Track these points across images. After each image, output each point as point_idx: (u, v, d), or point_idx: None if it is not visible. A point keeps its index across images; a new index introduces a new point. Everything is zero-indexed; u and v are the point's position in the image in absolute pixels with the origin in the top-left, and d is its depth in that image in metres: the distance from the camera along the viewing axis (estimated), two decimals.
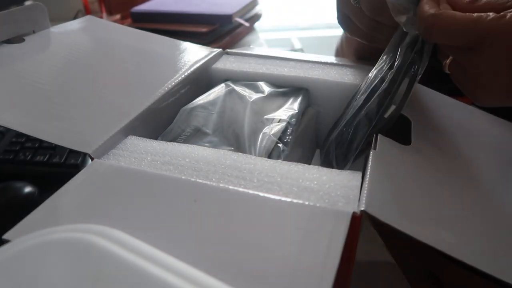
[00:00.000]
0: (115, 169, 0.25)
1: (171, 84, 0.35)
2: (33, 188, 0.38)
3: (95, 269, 0.17)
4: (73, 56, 0.36)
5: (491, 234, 0.23)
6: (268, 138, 0.29)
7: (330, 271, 0.18)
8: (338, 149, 0.31)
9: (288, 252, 0.19)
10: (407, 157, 0.27)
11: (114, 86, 0.34)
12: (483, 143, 0.31)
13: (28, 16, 0.39)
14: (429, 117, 0.32)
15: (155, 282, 0.16)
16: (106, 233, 0.18)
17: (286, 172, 0.25)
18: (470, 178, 0.27)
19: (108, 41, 0.42)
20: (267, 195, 0.22)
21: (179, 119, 0.33)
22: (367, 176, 0.23)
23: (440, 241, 0.20)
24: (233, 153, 0.27)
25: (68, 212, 0.22)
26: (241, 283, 0.17)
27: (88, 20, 0.45)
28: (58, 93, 0.31)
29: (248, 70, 0.39)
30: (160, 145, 0.28)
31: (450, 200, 0.24)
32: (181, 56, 0.40)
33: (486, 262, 0.20)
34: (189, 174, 0.25)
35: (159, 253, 0.17)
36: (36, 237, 0.18)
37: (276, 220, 0.21)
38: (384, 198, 0.22)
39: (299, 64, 0.40)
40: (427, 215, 0.23)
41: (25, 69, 0.33)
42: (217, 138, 0.30)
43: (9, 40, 0.36)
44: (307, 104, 0.37)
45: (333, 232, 0.20)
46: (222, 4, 0.81)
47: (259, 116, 0.32)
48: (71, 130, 0.28)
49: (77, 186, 0.24)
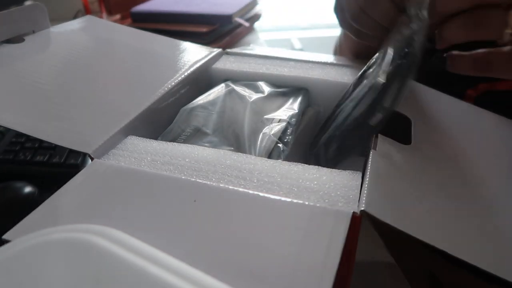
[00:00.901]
0: (115, 169, 0.25)
1: (171, 84, 0.35)
2: (33, 188, 0.38)
3: (95, 269, 0.17)
4: (73, 56, 0.36)
5: (491, 234, 0.23)
6: (268, 138, 0.29)
7: (330, 271, 0.18)
8: (328, 153, 0.31)
9: (288, 252, 0.19)
10: (407, 157, 0.27)
11: (114, 86, 0.34)
12: (484, 142, 0.31)
13: (28, 16, 0.39)
14: (429, 116, 0.32)
15: (155, 282, 0.16)
16: (106, 233, 0.18)
17: (286, 172, 0.25)
18: (471, 178, 0.27)
19: (108, 41, 0.42)
20: (267, 195, 0.22)
21: (179, 119, 0.33)
22: (367, 176, 0.23)
23: (440, 240, 0.20)
24: (233, 153, 0.27)
25: (68, 212, 0.22)
26: (241, 283, 0.17)
27: (88, 20, 0.45)
28: (58, 93, 0.31)
29: (248, 70, 0.39)
30: (160, 145, 0.28)
31: (450, 200, 0.24)
32: (181, 56, 0.40)
33: (487, 261, 0.20)
34: (189, 174, 0.25)
35: (159, 253, 0.17)
36: (36, 237, 0.18)
37: (276, 220, 0.21)
38: (384, 198, 0.22)
39: (299, 64, 0.40)
40: (427, 214, 0.23)
41: (25, 69, 0.33)
42: (217, 138, 0.30)
43: (9, 40, 0.36)
44: (307, 104, 0.37)
45: (333, 232, 0.20)
46: (222, 4, 0.81)
47: (259, 116, 0.32)
48: (71, 130, 0.28)
49: (77, 186, 0.24)
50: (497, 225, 0.24)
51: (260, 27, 0.92)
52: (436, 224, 0.22)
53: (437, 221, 0.22)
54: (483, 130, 0.33)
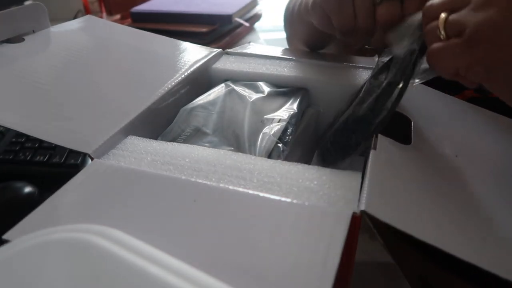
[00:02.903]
0: (115, 169, 0.25)
1: (171, 84, 0.35)
2: (33, 188, 0.38)
3: (95, 269, 0.17)
4: (73, 56, 0.36)
5: (490, 233, 0.23)
6: (268, 138, 0.29)
7: (330, 271, 0.18)
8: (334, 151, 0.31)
9: (288, 252, 0.19)
10: (407, 157, 0.27)
11: (114, 86, 0.34)
12: (484, 141, 0.31)
13: (28, 16, 0.39)
14: (429, 116, 0.32)
15: (155, 282, 0.16)
16: (106, 233, 0.18)
17: (286, 172, 0.25)
18: (471, 178, 0.27)
19: (108, 41, 0.42)
20: (267, 195, 0.22)
21: (179, 119, 0.33)
22: (367, 176, 0.23)
23: (439, 240, 0.20)
24: (233, 153, 0.27)
25: (68, 212, 0.22)
26: (241, 283, 0.17)
27: (88, 20, 0.45)
28: (58, 93, 0.31)
29: (248, 70, 0.39)
30: (160, 145, 0.28)
31: (450, 200, 0.24)
32: (181, 56, 0.40)
33: (485, 261, 0.20)
34: (189, 174, 0.25)
35: (159, 253, 0.17)
36: (36, 237, 0.18)
37: (276, 220, 0.21)
38: (384, 198, 0.22)
39: (299, 64, 0.40)
40: (427, 214, 0.23)
41: (25, 69, 0.33)
42: (217, 138, 0.30)
43: (9, 39, 0.36)
44: (307, 104, 0.37)
45: (333, 232, 0.20)
46: (222, 4, 0.81)
47: (259, 116, 0.32)
48: (71, 130, 0.28)
49: (77, 186, 0.24)
50: (496, 224, 0.24)
51: (260, 27, 0.92)
52: (436, 224, 0.22)
53: (437, 221, 0.22)
54: (483, 129, 0.33)
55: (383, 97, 0.27)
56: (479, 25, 0.23)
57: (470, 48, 0.23)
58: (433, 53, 0.25)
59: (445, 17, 0.24)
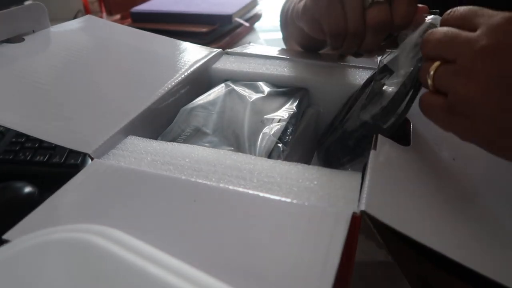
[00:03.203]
0: (115, 169, 0.25)
1: (171, 84, 0.35)
2: (33, 188, 0.38)
3: (95, 269, 0.17)
4: (73, 56, 0.36)
5: (489, 236, 0.23)
6: (268, 138, 0.29)
7: (330, 271, 0.18)
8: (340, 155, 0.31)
9: (288, 252, 0.19)
10: (406, 157, 0.27)
11: (114, 86, 0.34)
12: None
13: (28, 16, 0.39)
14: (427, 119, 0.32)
15: (155, 282, 0.16)
16: (106, 233, 0.18)
17: (286, 172, 0.25)
18: (470, 179, 0.27)
19: (108, 41, 0.42)
20: (267, 195, 0.22)
21: (179, 119, 0.33)
22: (367, 176, 0.23)
23: (437, 242, 0.20)
24: (233, 153, 0.27)
25: (68, 212, 0.22)
26: (241, 283, 0.17)
27: (88, 20, 0.45)
28: (58, 93, 0.31)
29: (248, 70, 0.39)
30: (160, 145, 0.28)
31: (449, 201, 0.24)
32: (181, 56, 0.40)
33: (484, 265, 0.20)
34: (189, 174, 0.25)
35: (159, 253, 0.17)
36: (36, 237, 0.18)
37: (276, 220, 0.21)
38: (384, 198, 0.22)
39: (299, 64, 0.40)
40: (427, 215, 0.23)
41: (25, 69, 0.33)
42: (217, 138, 0.30)
43: (9, 39, 0.36)
44: (307, 104, 0.37)
45: (333, 232, 0.20)
46: (222, 4, 0.81)
47: (259, 116, 0.32)
48: (71, 130, 0.28)
49: (77, 186, 0.24)
50: (496, 227, 0.23)
51: (260, 27, 0.92)
52: (435, 225, 0.22)
53: (436, 222, 0.22)
54: None
55: (392, 103, 0.28)
56: (458, 97, 0.22)
57: (450, 115, 0.23)
58: (423, 103, 0.25)
59: (436, 66, 0.24)
